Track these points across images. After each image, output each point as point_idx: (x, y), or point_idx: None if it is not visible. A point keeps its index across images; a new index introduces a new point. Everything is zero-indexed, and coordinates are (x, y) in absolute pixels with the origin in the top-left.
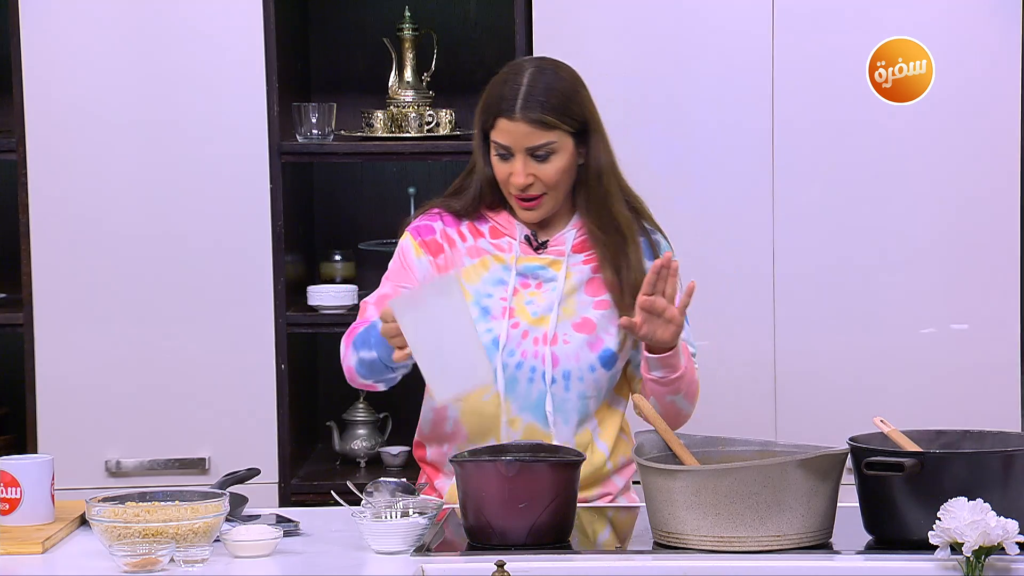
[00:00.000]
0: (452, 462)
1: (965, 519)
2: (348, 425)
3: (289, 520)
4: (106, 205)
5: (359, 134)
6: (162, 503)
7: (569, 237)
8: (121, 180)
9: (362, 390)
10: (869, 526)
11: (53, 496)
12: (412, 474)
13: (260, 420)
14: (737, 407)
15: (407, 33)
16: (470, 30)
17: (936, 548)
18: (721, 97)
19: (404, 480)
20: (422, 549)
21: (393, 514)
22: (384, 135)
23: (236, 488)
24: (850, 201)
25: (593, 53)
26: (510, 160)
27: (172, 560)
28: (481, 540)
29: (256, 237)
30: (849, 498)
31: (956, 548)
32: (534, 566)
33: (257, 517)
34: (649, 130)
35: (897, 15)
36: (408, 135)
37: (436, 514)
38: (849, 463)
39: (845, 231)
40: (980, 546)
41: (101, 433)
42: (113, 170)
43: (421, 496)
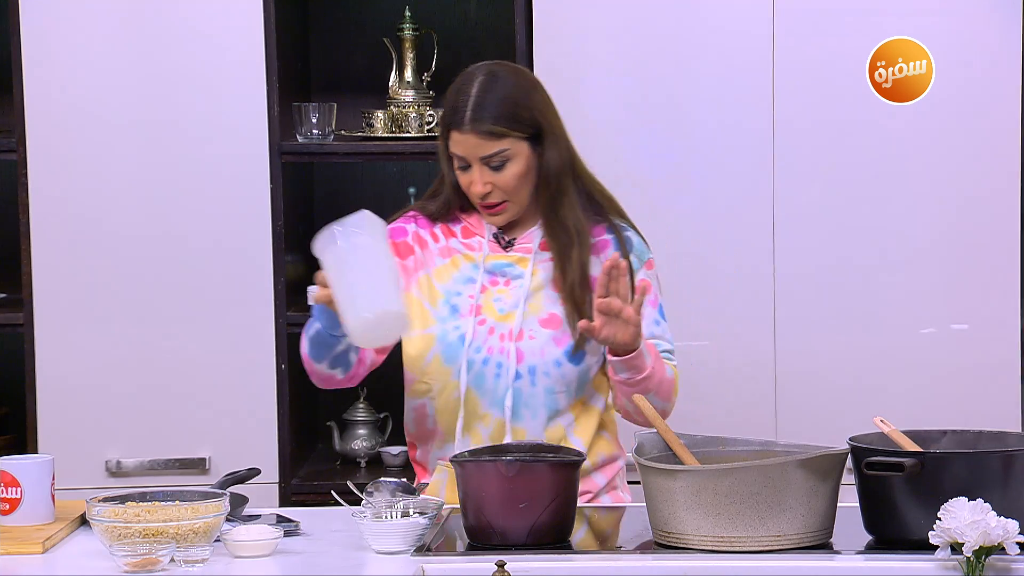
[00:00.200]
0: (452, 462)
1: (965, 519)
2: (348, 425)
3: (289, 520)
4: (106, 205)
5: (359, 134)
6: (162, 503)
7: (536, 235)
8: (121, 180)
9: (351, 387)
10: (869, 526)
11: (53, 496)
12: (412, 474)
13: (260, 420)
14: (737, 407)
15: (407, 33)
16: (470, 30)
17: (936, 548)
18: (721, 97)
19: (404, 480)
20: (422, 549)
21: (393, 514)
22: (384, 135)
23: (236, 488)
24: (850, 201)
25: (593, 53)
26: (468, 170)
27: (172, 560)
28: (481, 540)
29: (256, 237)
30: (849, 498)
31: (956, 548)
32: (534, 566)
33: (257, 517)
34: (649, 130)
35: (897, 15)
36: (408, 135)
37: (436, 514)
38: (849, 463)
39: (845, 231)
40: (980, 546)
41: (101, 433)
42: (113, 170)
43: (421, 496)
